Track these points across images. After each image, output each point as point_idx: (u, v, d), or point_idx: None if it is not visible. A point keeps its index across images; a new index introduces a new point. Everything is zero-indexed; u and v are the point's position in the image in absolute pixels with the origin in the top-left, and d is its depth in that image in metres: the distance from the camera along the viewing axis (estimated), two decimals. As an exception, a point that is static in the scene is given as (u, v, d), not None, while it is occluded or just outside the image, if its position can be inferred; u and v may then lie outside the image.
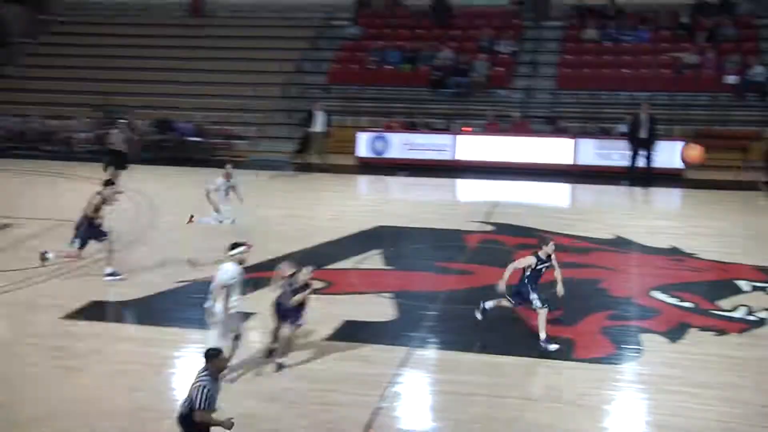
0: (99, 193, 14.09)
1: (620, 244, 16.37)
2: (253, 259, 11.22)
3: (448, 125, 23.96)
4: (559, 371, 10.89)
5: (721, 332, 12.16)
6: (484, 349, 11.36)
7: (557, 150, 22.56)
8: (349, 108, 25.10)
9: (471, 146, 23.22)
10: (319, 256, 15.17)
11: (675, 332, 12.14)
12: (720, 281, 14.25)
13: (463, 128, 23.62)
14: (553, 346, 11.22)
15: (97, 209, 13.83)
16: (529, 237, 16.54)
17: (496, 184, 21.78)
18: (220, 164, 17.50)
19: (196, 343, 11.07)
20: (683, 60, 23.84)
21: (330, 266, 14.71)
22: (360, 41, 27.52)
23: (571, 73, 24.89)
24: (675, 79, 23.61)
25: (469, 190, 22.70)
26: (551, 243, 11.59)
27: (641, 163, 21.06)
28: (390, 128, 24.11)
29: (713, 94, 23.14)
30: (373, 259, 15.39)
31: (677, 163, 21.57)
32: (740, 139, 22.14)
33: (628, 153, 21.26)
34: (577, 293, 13.58)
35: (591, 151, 22.33)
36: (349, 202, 20.66)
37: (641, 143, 20.97)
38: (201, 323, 10.95)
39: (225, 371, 8.41)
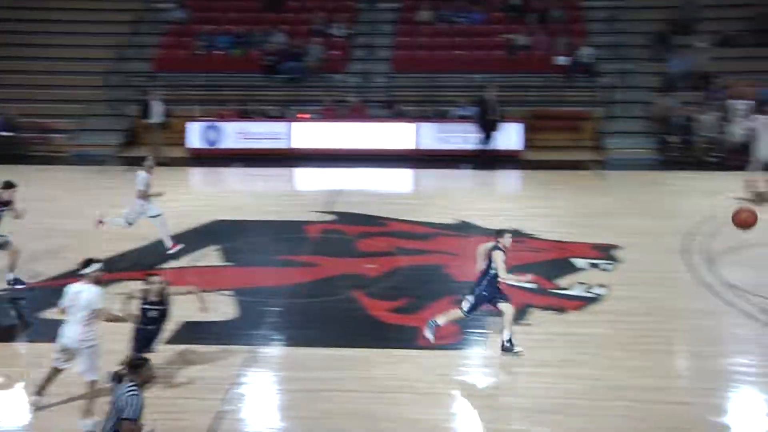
0: None
1: (462, 228, 16.84)
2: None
3: (282, 112, 23.90)
4: (406, 360, 11.21)
5: (561, 310, 12.83)
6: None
7: (397, 135, 22.92)
8: (178, 96, 24.58)
9: (308, 133, 23.30)
10: (153, 254, 15.00)
11: (518, 313, 12.70)
12: (558, 260, 14.95)
13: (298, 115, 23.63)
14: (430, 337, 11.24)
15: None
16: (371, 225, 16.90)
17: (336, 172, 21.94)
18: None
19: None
20: (515, 41, 24.74)
21: (165, 265, 14.53)
22: (187, 25, 27.03)
23: (406, 56, 25.35)
24: (508, 61, 24.48)
25: (308, 179, 22.80)
26: (507, 235, 11.41)
27: (486, 145, 21.77)
28: (222, 117, 23.83)
29: (545, 75, 24.14)
30: (210, 256, 15.29)
31: (514, 145, 22.35)
32: (572, 120, 23.24)
33: (477, 135, 21.86)
34: (421, 280, 14.03)
35: (431, 135, 22.80)
36: (182, 196, 20.24)
37: (490, 126, 21.67)
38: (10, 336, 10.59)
39: (152, 382, 7.90)
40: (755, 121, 19.88)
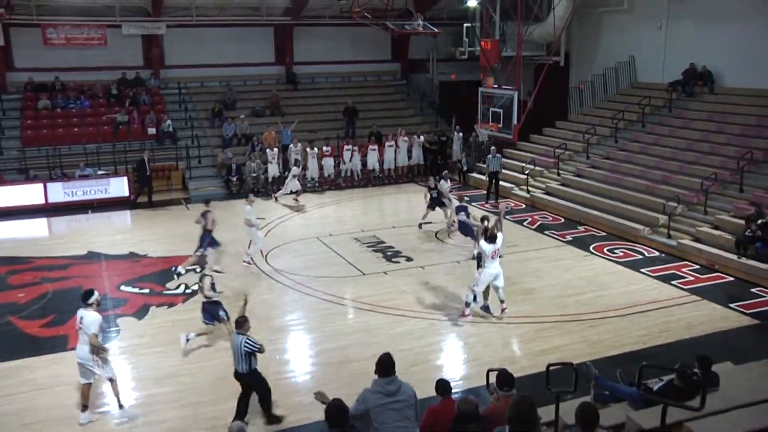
0: None
1: (92, 256, 15.69)
2: None
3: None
4: (57, 361, 10.21)
5: (172, 305, 12.58)
6: None
7: (31, 193, 20.40)
8: None
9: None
10: None
11: (141, 312, 12.23)
12: (166, 270, 14.59)
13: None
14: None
15: None
16: (18, 264, 15.05)
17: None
18: None
19: None
20: (118, 119, 23.44)
21: None
22: None
23: (33, 134, 22.71)
24: (114, 133, 23.13)
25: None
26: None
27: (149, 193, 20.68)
28: None
29: (142, 141, 23.15)
30: None
31: (125, 192, 21.05)
32: (165, 171, 22.56)
33: (136, 185, 20.66)
34: (65, 299, 12.84)
35: (59, 191, 20.66)
36: None
37: (147, 178, 20.56)
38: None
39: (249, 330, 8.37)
40: (277, 159, 21.20)
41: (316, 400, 6.26)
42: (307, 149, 22.11)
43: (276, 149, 22.11)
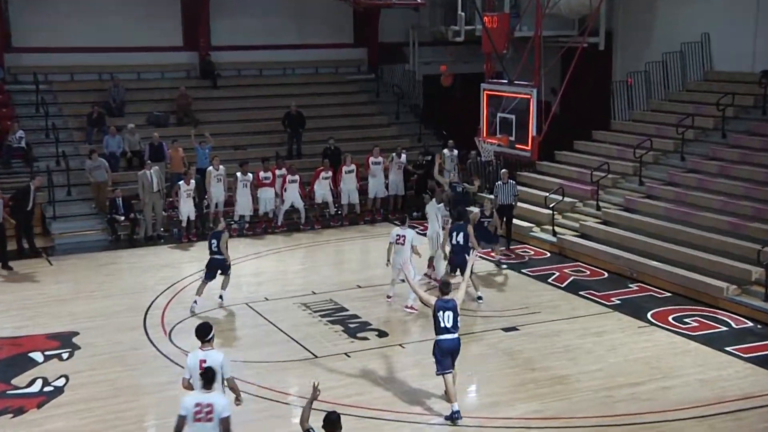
0: None
1: None
2: None
3: None
4: None
5: (20, 411, 12.22)
6: None
7: None
8: None
9: None
10: None
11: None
12: (14, 357, 14.23)
13: None
14: None
15: None
16: None
17: None
18: None
19: None
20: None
21: None
22: None
23: None
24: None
25: None
26: None
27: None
28: None
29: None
30: None
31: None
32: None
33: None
34: None
35: None
36: None
37: (27, 216, 20.53)
38: None
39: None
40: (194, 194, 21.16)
41: None
42: (238, 174, 21.96)
43: (192, 182, 21.55)
